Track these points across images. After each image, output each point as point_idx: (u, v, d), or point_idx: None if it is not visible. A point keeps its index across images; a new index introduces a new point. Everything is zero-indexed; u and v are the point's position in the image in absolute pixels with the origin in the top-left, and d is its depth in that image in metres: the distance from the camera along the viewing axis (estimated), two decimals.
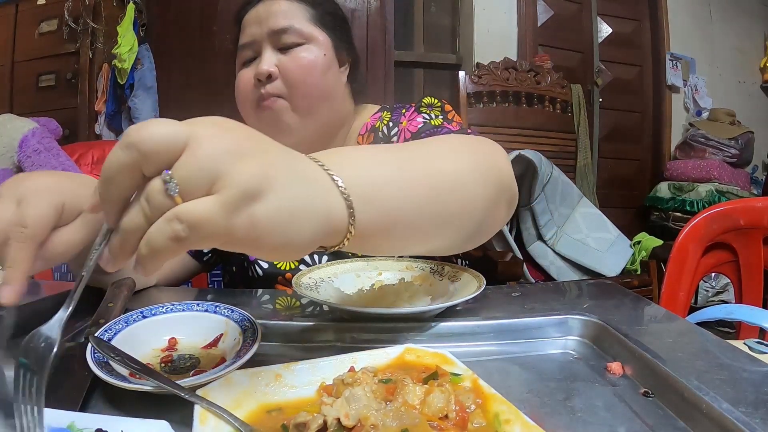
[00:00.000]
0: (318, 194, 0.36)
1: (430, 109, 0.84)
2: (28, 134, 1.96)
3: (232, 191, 0.31)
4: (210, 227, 0.31)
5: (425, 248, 0.50)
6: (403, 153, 0.48)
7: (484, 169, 0.52)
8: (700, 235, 0.96)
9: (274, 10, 0.81)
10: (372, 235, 0.41)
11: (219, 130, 0.33)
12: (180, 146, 0.31)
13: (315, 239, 0.36)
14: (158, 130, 0.31)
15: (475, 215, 0.50)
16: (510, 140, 2.33)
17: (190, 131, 0.32)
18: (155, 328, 0.54)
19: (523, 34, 2.77)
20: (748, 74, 3.24)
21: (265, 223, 0.32)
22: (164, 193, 0.31)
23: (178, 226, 0.30)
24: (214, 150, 0.31)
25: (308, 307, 0.65)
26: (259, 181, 0.32)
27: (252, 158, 0.32)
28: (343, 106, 0.87)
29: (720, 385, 0.42)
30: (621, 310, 0.62)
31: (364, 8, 2.58)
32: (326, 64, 0.82)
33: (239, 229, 0.32)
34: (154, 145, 0.31)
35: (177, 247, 0.31)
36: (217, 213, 0.31)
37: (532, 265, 2.14)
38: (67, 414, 0.36)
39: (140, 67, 2.50)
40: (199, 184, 0.31)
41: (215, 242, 0.32)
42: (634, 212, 3.07)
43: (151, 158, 0.31)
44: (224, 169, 0.31)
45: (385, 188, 0.41)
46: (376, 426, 0.34)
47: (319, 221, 0.35)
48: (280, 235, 0.33)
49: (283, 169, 0.34)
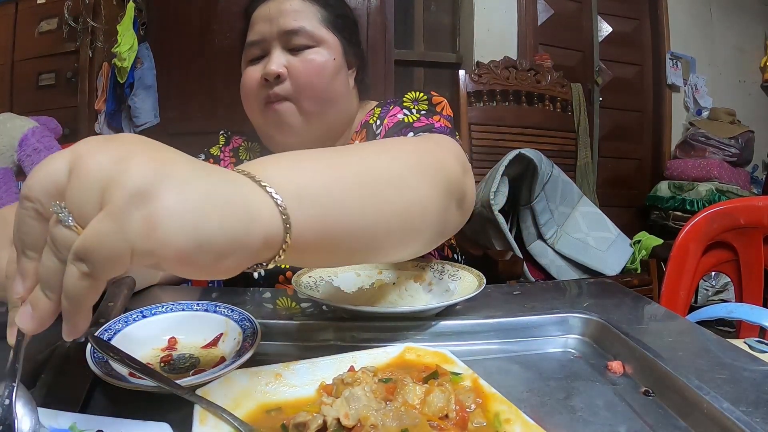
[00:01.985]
0: (236, 191, 0.32)
1: (415, 103, 0.81)
2: (27, 133, 1.96)
3: (118, 195, 0.27)
4: (107, 248, 0.27)
5: (386, 256, 0.47)
6: (335, 154, 0.45)
7: (426, 167, 0.50)
8: (700, 234, 0.96)
9: (285, 9, 0.79)
10: (312, 244, 0.36)
11: (102, 142, 0.30)
12: (65, 174, 0.29)
13: (239, 245, 0.31)
14: (39, 172, 0.29)
15: (428, 214, 0.48)
16: (510, 139, 2.33)
17: (69, 155, 0.29)
18: (155, 327, 0.54)
19: (523, 33, 2.77)
20: (748, 73, 3.24)
21: (167, 222, 0.28)
22: (60, 225, 0.28)
23: (80, 264, 0.27)
24: (96, 162, 0.28)
25: (308, 306, 0.65)
26: (150, 178, 0.28)
27: (140, 158, 0.29)
28: (349, 108, 0.87)
29: (720, 384, 0.42)
30: (621, 309, 0.62)
31: (364, 7, 2.58)
32: (335, 68, 0.81)
33: (138, 234, 0.27)
34: (40, 187, 0.29)
35: (92, 287, 0.28)
36: (107, 228, 0.27)
37: (532, 264, 2.13)
38: (68, 415, 0.36)
39: (140, 66, 2.49)
40: (89, 204, 0.28)
41: (125, 261, 0.28)
42: (634, 211, 3.07)
43: (45, 201, 0.29)
44: (109, 177, 0.28)
45: (317, 186, 0.38)
46: (376, 426, 0.33)
47: (241, 220, 0.31)
48: (189, 233, 0.28)
49: (183, 164, 0.30)
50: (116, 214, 0.27)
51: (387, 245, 0.45)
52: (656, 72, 3.08)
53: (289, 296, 0.70)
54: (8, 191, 1.89)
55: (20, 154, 1.94)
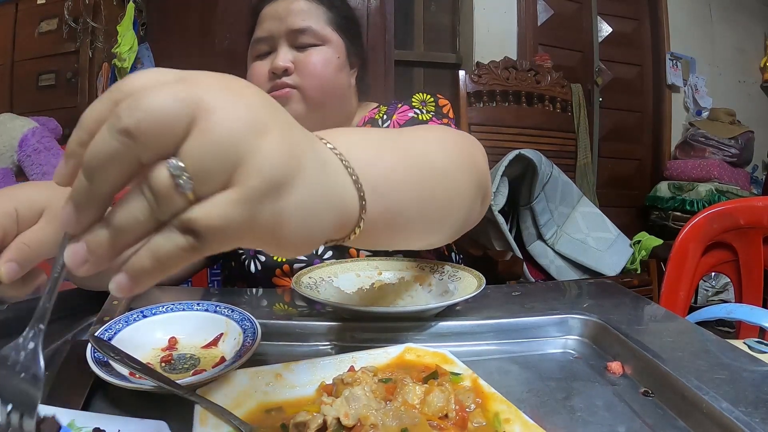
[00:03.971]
0: (336, 183, 0.33)
1: (423, 105, 0.86)
2: (27, 133, 1.96)
3: (256, 182, 0.25)
4: (230, 232, 0.25)
5: (419, 244, 0.49)
6: (400, 140, 0.46)
7: (467, 163, 0.51)
8: (700, 234, 0.96)
9: (293, 9, 0.82)
10: (376, 228, 0.38)
11: (231, 95, 0.26)
12: (186, 122, 0.24)
13: (329, 233, 0.32)
14: (157, 107, 0.24)
15: (462, 208, 0.50)
16: (510, 139, 2.33)
17: (197, 101, 0.25)
18: (155, 327, 0.54)
19: (523, 33, 2.77)
20: (748, 74, 3.24)
21: (290, 219, 0.27)
22: (175, 189, 0.24)
23: (189, 237, 0.25)
24: (229, 126, 0.25)
25: (308, 306, 0.65)
26: (286, 168, 0.27)
27: (275, 134, 0.26)
28: (350, 106, 0.90)
29: (720, 384, 0.42)
30: (621, 309, 0.62)
31: (364, 7, 2.58)
32: (339, 66, 0.84)
33: (263, 228, 0.26)
34: (152, 128, 0.24)
35: (192, 258, 0.26)
36: (239, 214, 0.25)
37: (532, 264, 2.14)
38: (67, 412, 0.36)
39: (140, 66, 2.49)
40: (216, 175, 0.25)
41: (234, 244, 0.27)
42: (634, 212, 3.07)
43: (152, 145, 0.24)
44: (245, 151, 0.25)
45: (390, 177, 0.39)
46: (376, 425, 0.34)
47: (336, 213, 0.32)
48: (302, 231, 0.28)
49: (308, 150, 0.30)
50: (251, 203, 0.25)
51: (429, 231, 0.47)
52: (656, 72, 3.08)
53: (289, 296, 0.70)
54: None
55: (20, 154, 1.94)
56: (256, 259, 0.86)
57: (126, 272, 0.26)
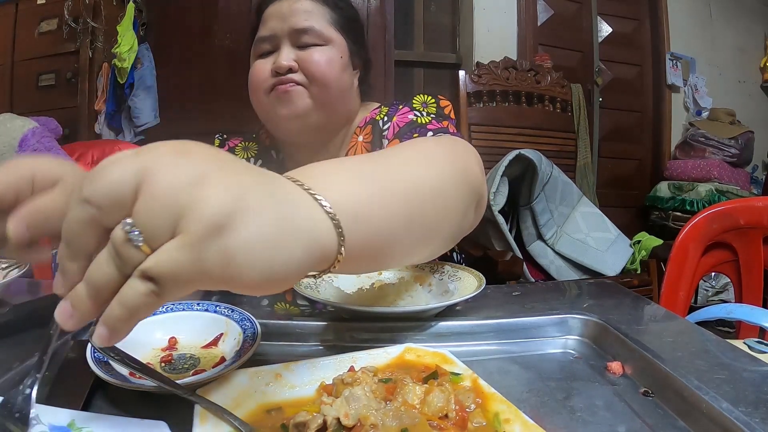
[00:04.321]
0: (301, 216, 0.33)
1: (424, 106, 0.85)
2: (27, 134, 1.96)
3: (197, 226, 0.27)
4: (182, 277, 0.27)
5: (410, 261, 0.50)
6: (380, 165, 0.46)
7: (457, 174, 0.51)
8: (700, 234, 0.96)
9: (297, 8, 0.82)
10: (362, 255, 0.38)
11: (174, 156, 0.29)
12: (133, 187, 0.28)
13: (302, 268, 0.32)
14: (108, 177, 0.28)
15: (454, 222, 0.50)
16: (510, 140, 2.33)
17: (140, 167, 0.28)
18: (155, 327, 0.54)
19: (523, 33, 2.77)
20: (748, 74, 3.24)
21: (242, 256, 0.28)
22: (128, 243, 0.28)
23: (148, 284, 0.27)
24: (168, 182, 0.28)
25: (308, 306, 0.65)
26: (228, 209, 0.28)
27: (217, 182, 0.29)
28: (352, 107, 0.90)
29: (720, 384, 0.42)
30: (621, 309, 0.62)
31: (364, 7, 2.58)
32: (342, 66, 0.84)
33: (214, 266, 0.28)
34: (106, 196, 0.28)
35: (154, 305, 0.28)
36: (186, 258, 0.27)
37: (532, 264, 2.14)
38: (67, 412, 0.36)
39: (140, 66, 2.50)
40: (162, 226, 0.28)
41: (195, 288, 0.29)
42: (634, 212, 3.07)
43: (107, 209, 0.28)
44: (185, 201, 0.27)
45: (370, 205, 0.38)
46: (376, 425, 0.34)
47: (306, 247, 0.32)
48: (263, 267, 0.29)
49: (258, 190, 0.30)
50: (194, 246, 0.27)
51: (417, 252, 0.47)
52: (656, 72, 3.08)
53: (289, 296, 0.70)
54: None
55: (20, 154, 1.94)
56: None
57: (102, 322, 0.29)
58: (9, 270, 0.66)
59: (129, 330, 0.29)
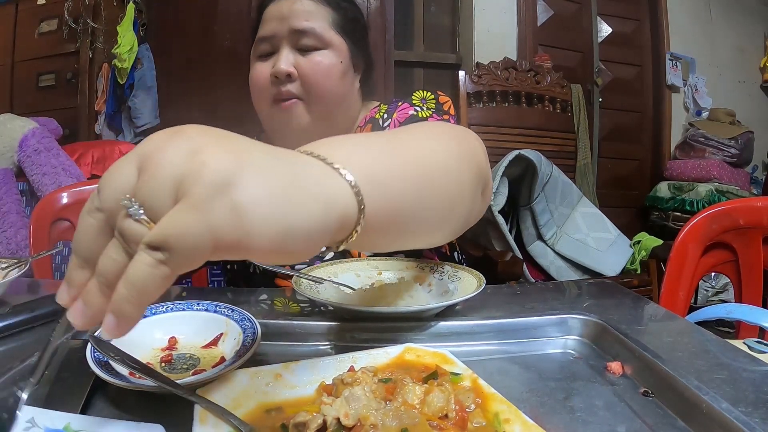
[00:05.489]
0: (314, 174, 0.32)
1: (423, 102, 0.85)
2: (28, 134, 1.96)
3: (199, 189, 0.26)
4: (190, 238, 0.26)
5: (424, 241, 0.49)
6: (393, 138, 0.46)
7: (466, 155, 0.51)
8: (699, 234, 0.96)
9: (297, 9, 0.81)
10: (379, 226, 0.37)
11: (168, 137, 0.29)
12: (134, 178, 0.28)
13: (323, 229, 0.31)
14: (108, 180, 0.28)
15: (466, 201, 0.50)
16: (510, 140, 2.33)
17: (136, 157, 0.28)
18: (155, 327, 0.54)
19: (523, 33, 2.77)
20: (748, 74, 3.24)
21: (254, 210, 0.27)
22: (131, 220, 0.27)
23: (155, 253, 0.26)
24: (168, 156, 0.27)
25: (308, 306, 0.65)
26: (231, 167, 0.27)
27: (215, 149, 0.28)
28: (354, 108, 0.89)
29: (720, 384, 0.42)
30: (621, 309, 0.62)
31: (364, 8, 2.58)
32: (342, 70, 0.83)
33: (224, 224, 0.26)
34: (111, 195, 0.28)
35: (164, 277, 0.26)
36: (190, 218, 0.26)
37: (532, 264, 2.14)
38: (63, 415, 0.36)
39: (140, 66, 2.50)
40: (163, 197, 0.27)
41: (206, 254, 0.27)
42: (634, 212, 3.07)
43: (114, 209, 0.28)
44: (184, 170, 0.27)
45: (384, 170, 0.38)
46: (376, 425, 0.34)
47: (324, 205, 0.31)
48: (278, 223, 0.28)
49: (263, 151, 0.30)
50: (199, 205, 0.26)
51: (432, 229, 0.47)
52: (656, 72, 3.08)
53: (289, 296, 0.70)
54: (8, 192, 1.89)
55: (20, 154, 1.94)
56: None
57: (110, 311, 0.27)
58: (9, 270, 0.66)
59: (139, 315, 0.27)
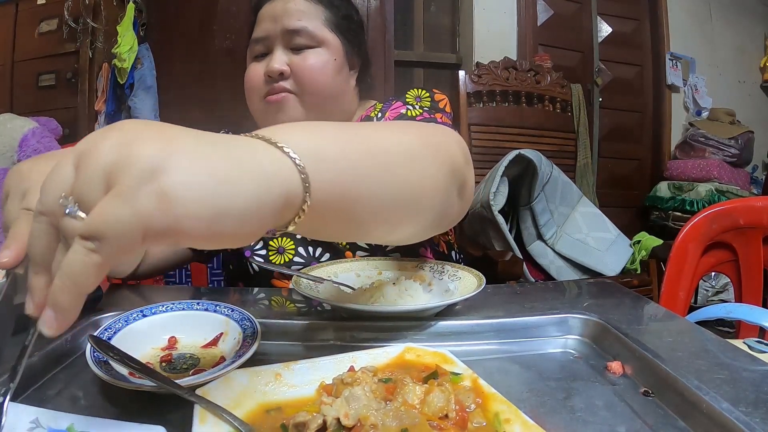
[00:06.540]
0: (251, 154, 0.31)
1: (418, 100, 0.85)
2: (28, 134, 1.96)
3: (126, 178, 0.26)
4: (118, 226, 0.26)
5: (388, 233, 0.48)
6: (353, 127, 0.45)
7: (433, 147, 0.50)
8: (699, 234, 0.96)
9: (290, 9, 0.81)
10: (329, 207, 0.36)
11: (101, 133, 0.29)
12: (71, 175, 0.28)
13: (258, 206, 0.30)
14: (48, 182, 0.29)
15: (436, 196, 0.49)
16: (510, 140, 2.33)
17: (72, 155, 0.29)
18: (155, 327, 0.54)
19: (523, 33, 2.77)
20: (748, 74, 3.24)
21: (182, 191, 0.27)
22: (65, 214, 0.27)
23: (85, 243, 0.26)
24: (99, 151, 0.28)
25: (307, 306, 0.65)
26: (158, 155, 0.27)
27: (144, 139, 0.28)
28: (349, 106, 0.89)
29: (720, 384, 0.42)
30: (621, 309, 0.62)
31: (364, 8, 2.58)
32: (336, 67, 0.83)
33: (152, 211, 0.26)
34: (52, 196, 0.28)
35: (95, 265, 0.26)
36: (117, 206, 0.26)
37: (532, 264, 2.13)
38: (67, 416, 0.36)
39: (140, 66, 2.49)
40: (94, 191, 0.27)
41: (137, 241, 0.27)
42: (634, 212, 3.07)
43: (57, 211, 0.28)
44: (113, 162, 0.27)
45: (335, 152, 0.37)
46: (376, 426, 0.33)
47: (259, 183, 0.30)
48: (208, 201, 0.27)
49: (192, 137, 0.30)
50: (125, 193, 0.26)
51: (394, 219, 0.45)
52: (656, 72, 3.08)
53: (286, 296, 0.70)
54: None
55: (20, 154, 1.94)
56: (254, 261, 0.86)
57: (48, 306, 0.27)
58: None
59: (76, 308, 0.28)
